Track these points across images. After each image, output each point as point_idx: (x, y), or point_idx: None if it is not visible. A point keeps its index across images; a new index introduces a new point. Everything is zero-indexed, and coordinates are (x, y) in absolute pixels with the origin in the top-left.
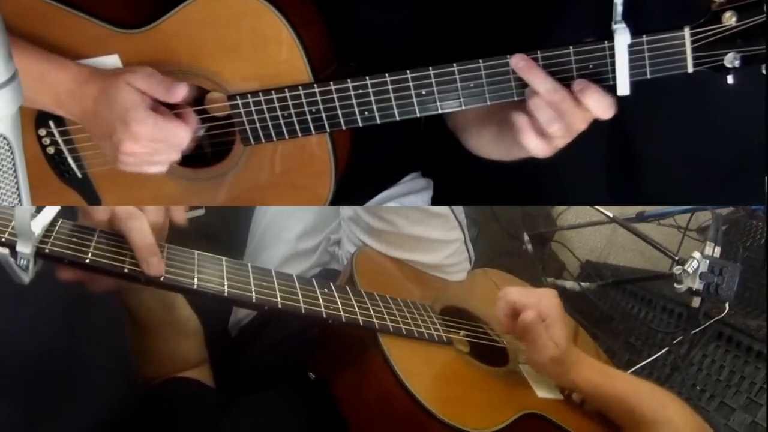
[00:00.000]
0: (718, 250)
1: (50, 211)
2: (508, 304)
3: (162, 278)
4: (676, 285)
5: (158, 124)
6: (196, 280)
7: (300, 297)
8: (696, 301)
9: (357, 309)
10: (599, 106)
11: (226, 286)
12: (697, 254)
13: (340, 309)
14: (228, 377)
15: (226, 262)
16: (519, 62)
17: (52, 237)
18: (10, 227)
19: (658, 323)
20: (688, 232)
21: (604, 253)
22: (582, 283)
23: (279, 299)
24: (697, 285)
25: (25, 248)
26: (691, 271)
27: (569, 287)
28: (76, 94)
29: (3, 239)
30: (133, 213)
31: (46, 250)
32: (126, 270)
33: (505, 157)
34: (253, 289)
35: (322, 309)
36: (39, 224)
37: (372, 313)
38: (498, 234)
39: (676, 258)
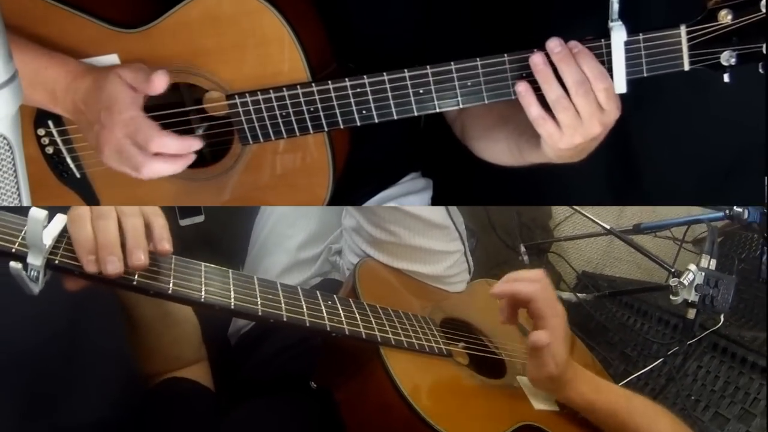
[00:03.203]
0: (713, 262)
1: (60, 221)
2: (527, 295)
3: (170, 291)
4: (672, 297)
5: (135, 117)
6: (203, 293)
7: (305, 310)
8: (691, 313)
9: (360, 322)
10: (592, 70)
11: (232, 299)
12: (693, 267)
13: (344, 322)
14: (228, 384)
15: (232, 274)
16: (520, 88)
17: (61, 248)
18: (20, 238)
19: (653, 334)
20: (684, 245)
21: (600, 264)
22: (578, 294)
23: (284, 312)
24: (693, 297)
25: (36, 260)
26: (687, 283)
27: (566, 298)
28: (69, 89)
29: (14, 250)
30: (103, 212)
31: (56, 262)
32: (135, 282)
33: (516, 161)
34: (259, 302)
35: (326, 322)
36: (49, 235)
37: (374, 325)
38: (495, 244)
39: (673, 270)
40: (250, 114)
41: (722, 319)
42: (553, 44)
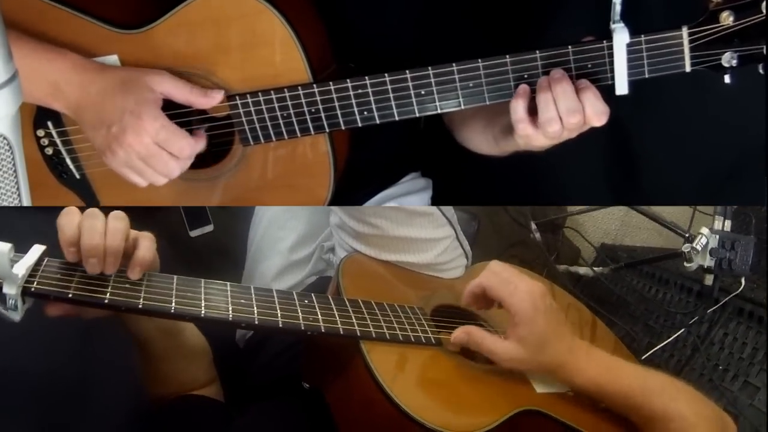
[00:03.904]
0: (728, 223)
1: (35, 252)
2: (479, 286)
3: (140, 305)
4: (686, 263)
5: (167, 126)
6: (173, 304)
7: (278, 311)
8: (709, 279)
9: (338, 318)
10: (592, 109)
11: (203, 308)
12: (705, 230)
13: (320, 320)
14: (238, 390)
15: (205, 283)
16: (519, 90)
17: (38, 276)
18: None
19: (676, 303)
20: (703, 207)
21: (619, 235)
22: (595, 268)
23: (256, 315)
24: (708, 262)
25: (10, 290)
26: (699, 248)
27: (583, 273)
28: (76, 82)
29: None
30: (90, 212)
31: (32, 289)
32: (106, 301)
33: (493, 150)
34: (230, 308)
35: (301, 321)
36: (23, 266)
37: (354, 320)
38: (507, 224)
39: (686, 235)
40: (251, 114)
41: (743, 283)
42: (555, 71)
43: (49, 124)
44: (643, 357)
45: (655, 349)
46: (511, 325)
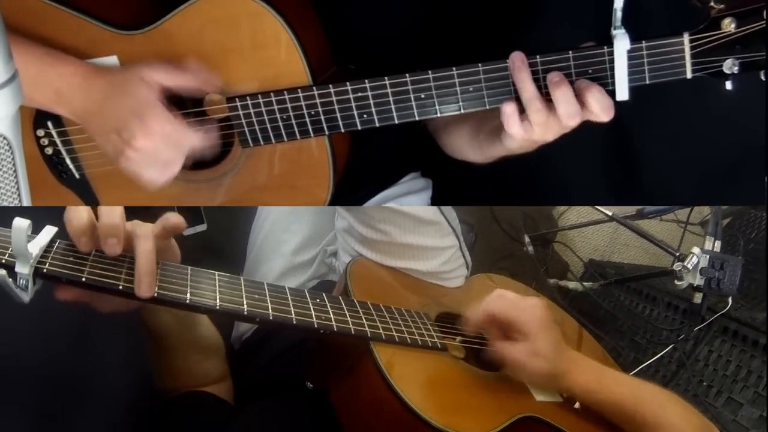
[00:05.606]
0: (718, 244)
1: (49, 232)
2: (487, 313)
3: (156, 294)
4: (676, 282)
5: (173, 120)
6: (188, 294)
7: (291, 308)
8: (698, 297)
9: (349, 318)
10: (599, 106)
11: (217, 300)
12: (696, 250)
13: (332, 319)
14: (236, 389)
15: (218, 276)
16: (516, 62)
17: (50, 257)
18: (10, 249)
19: (663, 320)
20: (691, 227)
21: (607, 251)
22: (585, 283)
23: (270, 311)
24: (698, 281)
25: (23, 269)
26: (690, 267)
27: (572, 288)
28: (79, 89)
29: (3, 261)
30: (144, 233)
31: (44, 270)
32: (121, 287)
33: (477, 156)
34: (244, 302)
35: (314, 320)
36: (37, 245)
37: (364, 321)
38: (498, 236)
39: (677, 254)
40: (250, 116)
41: (730, 302)
42: (552, 74)
43: (49, 124)
44: (630, 373)
45: (642, 366)
46: (526, 340)
